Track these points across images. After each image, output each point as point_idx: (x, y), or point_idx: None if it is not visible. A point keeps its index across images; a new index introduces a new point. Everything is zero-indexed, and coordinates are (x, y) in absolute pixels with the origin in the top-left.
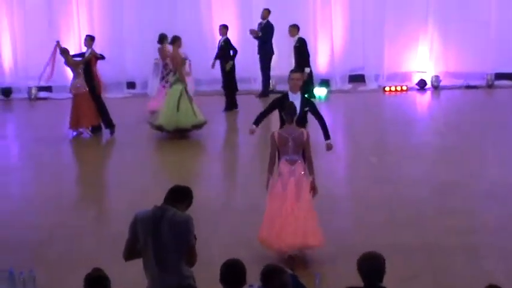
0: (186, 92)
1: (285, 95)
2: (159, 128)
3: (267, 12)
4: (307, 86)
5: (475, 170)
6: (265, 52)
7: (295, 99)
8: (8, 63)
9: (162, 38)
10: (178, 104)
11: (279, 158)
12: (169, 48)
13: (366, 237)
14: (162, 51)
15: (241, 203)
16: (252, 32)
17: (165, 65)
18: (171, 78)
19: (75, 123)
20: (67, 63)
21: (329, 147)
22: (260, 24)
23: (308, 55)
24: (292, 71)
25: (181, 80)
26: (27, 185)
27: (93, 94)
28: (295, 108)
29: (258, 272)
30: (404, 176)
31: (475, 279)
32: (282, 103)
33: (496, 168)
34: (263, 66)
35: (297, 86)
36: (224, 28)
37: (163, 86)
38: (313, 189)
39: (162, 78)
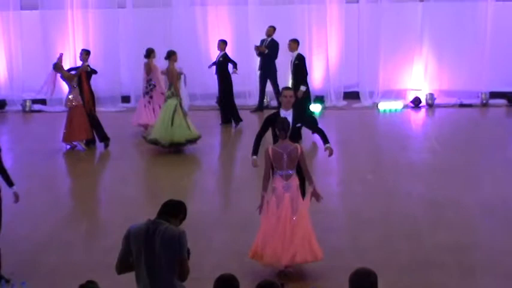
0: (181, 106)
1: (276, 113)
2: (154, 142)
3: (272, 29)
4: (305, 103)
5: (469, 187)
6: (272, 69)
7: (288, 115)
8: (2, 76)
9: (149, 53)
10: (173, 118)
11: (273, 174)
12: (154, 63)
13: (360, 252)
14: (146, 66)
15: (235, 217)
16: (257, 48)
17: (148, 80)
18: (166, 92)
19: (68, 137)
20: (62, 76)
21: (330, 151)
22: (264, 41)
23: (306, 73)
24: (284, 88)
25: (176, 94)
26: (20, 196)
27: (87, 108)
28: (288, 123)
29: (251, 286)
30: (398, 192)
31: None
32: (274, 120)
33: (490, 185)
34: (273, 82)
35: (289, 103)
36: (223, 43)
37: (149, 102)
38: (317, 195)
39: (146, 93)
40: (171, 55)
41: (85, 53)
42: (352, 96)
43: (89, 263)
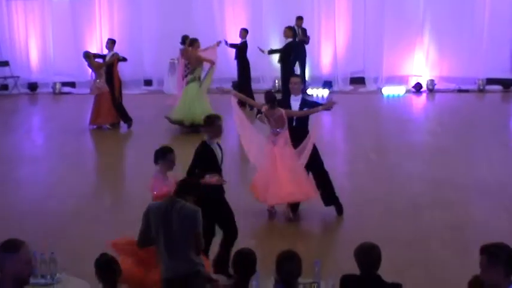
0: (201, 90)
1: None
2: (179, 122)
3: (301, 20)
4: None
5: (466, 168)
6: (303, 54)
7: (296, 100)
8: (35, 60)
9: (184, 39)
10: (194, 100)
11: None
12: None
13: (364, 228)
14: (184, 52)
15: (248, 194)
16: (300, 38)
17: (186, 65)
18: (189, 76)
19: (94, 120)
20: (90, 65)
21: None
22: (295, 29)
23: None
24: (292, 76)
25: (198, 78)
26: (50, 174)
27: (113, 94)
28: (272, 95)
29: (263, 259)
30: (400, 172)
31: (464, 270)
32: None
33: (485, 166)
34: (303, 68)
35: (298, 90)
36: (244, 32)
37: (186, 84)
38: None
39: (185, 76)
40: (193, 42)
41: (111, 42)
42: (358, 81)
43: (113, 236)
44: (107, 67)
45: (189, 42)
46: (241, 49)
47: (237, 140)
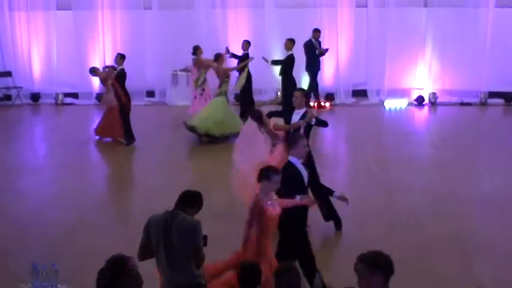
0: (228, 105)
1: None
2: (192, 128)
3: (318, 32)
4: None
5: (468, 181)
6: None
7: (298, 114)
8: (37, 71)
9: (195, 50)
10: (217, 113)
11: None
12: (202, 57)
13: (365, 240)
14: (196, 62)
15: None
16: (320, 51)
17: (199, 74)
18: (217, 90)
19: (100, 132)
20: (100, 79)
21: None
22: (312, 42)
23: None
24: (296, 90)
25: (224, 93)
26: (52, 184)
27: (121, 109)
28: (256, 114)
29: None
30: (402, 184)
31: (465, 283)
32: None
33: (487, 179)
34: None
35: (300, 104)
36: (247, 44)
37: (201, 94)
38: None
39: (200, 85)
40: (219, 57)
41: (119, 57)
42: (360, 94)
43: (114, 247)
44: (112, 83)
45: (214, 57)
46: (242, 61)
47: None
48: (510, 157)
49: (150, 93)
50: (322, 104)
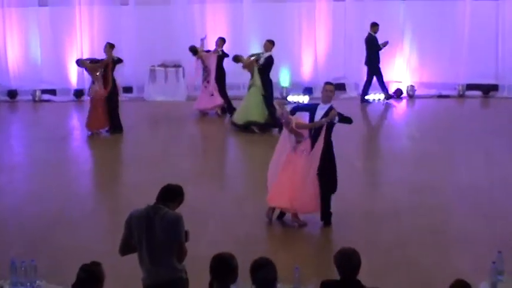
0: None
1: (315, 105)
2: (247, 125)
3: (376, 26)
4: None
5: (447, 173)
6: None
7: (322, 109)
8: (14, 67)
9: (194, 51)
10: (256, 104)
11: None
12: (205, 53)
13: (345, 233)
14: (201, 58)
15: (230, 200)
16: (383, 44)
17: (204, 68)
18: (249, 82)
19: (92, 125)
20: (87, 69)
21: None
22: (373, 36)
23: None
24: (326, 83)
25: (255, 84)
26: (30, 181)
27: (109, 98)
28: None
29: (246, 265)
30: (381, 177)
31: (445, 274)
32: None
33: (466, 171)
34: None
35: (329, 98)
36: (221, 41)
37: (205, 87)
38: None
39: (204, 79)
40: (238, 58)
41: (109, 46)
42: (338, 87)
43: (94, 242)
44: (103, 70)
45: (234, 58)
46: (218, 58)
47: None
48: (487, 149)
49: (128, 89)
50: (391, 95)
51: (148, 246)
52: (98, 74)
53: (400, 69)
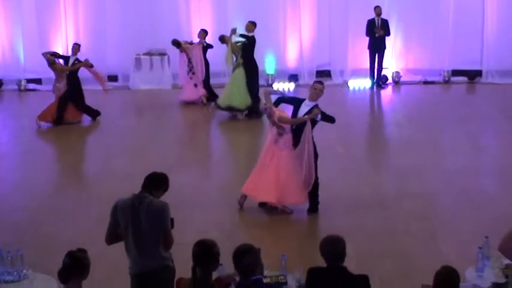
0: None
1: (301, 100)
2: (229, 108)
3: (378, 8)
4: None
5: (432, 159)
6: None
7: (308, 106)
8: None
9: (177, 44)
10: (241, 85)
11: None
12: (188, 46)
13: (331, 220)
14: (185, 50)
15: (215, 188)
16: (377, 29)
17: (189, 60)
18: (234, 64)
19: (43, 117)
20: (54, 69)
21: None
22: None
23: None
24: (317, 82)
25: (241, 64)
26: (15, 170)
27: (73, 96)
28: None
29: (228, 254)
30: (367, 164)
31: (431, 261)
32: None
33: (452, 157)
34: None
35: (318, 96)
36: (203, 32)
37: (191, 78)
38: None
39: (189, 71)
40: (224, 38)
41: (77, 47)
42: (324, 74)
43: (80, 232)
44: (70, 72)
45: (220, 38)
46: (202, 49)
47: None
48: (473, 135)
49: (113, 78)
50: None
51: (134, 235)
52: (64, 74)
53: (386, 56)
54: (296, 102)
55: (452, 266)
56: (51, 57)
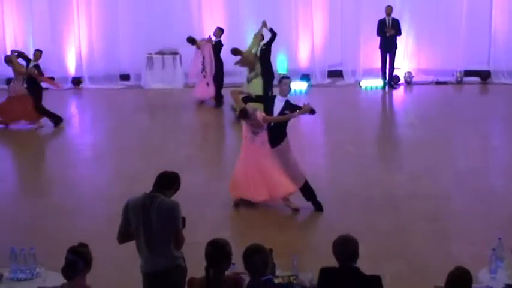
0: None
1: (271, 97)
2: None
3: (390, 8)
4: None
5: (444, 159)
6: (395, 46)
7: (281, 101)
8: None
9: (192, 41)
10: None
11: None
12: (202, 43)
13: (343, 220)
14: (200, 48)
15: (227, 187)
16: (388, 29)
17: (203, 57)
18: (250, 74)
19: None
20: (14, 70)
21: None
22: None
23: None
24: (284, 77)
25: (259, 74)
26: (28, 168)
27: (35, 101)
28: (244, 114)
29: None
30: (378, 164)
31: (444, 262)
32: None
33: (464, 157)
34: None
35: (284, 91)
36: (219, 30)
37: (204, 76)
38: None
39: (203, 69)
40: (237, 52)
41: (38, 53)
42: (335, 74)
43: (93, 231)
44: (29, 77)
45: (233, 52)
46: (215, 48)
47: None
48: (486, 136)
49: (125, 77)
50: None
51: (145, 234)
52: (22, 77)
53: (398, 56)
54: (265, 99)
55: (465, 267)
56: (13, 56)
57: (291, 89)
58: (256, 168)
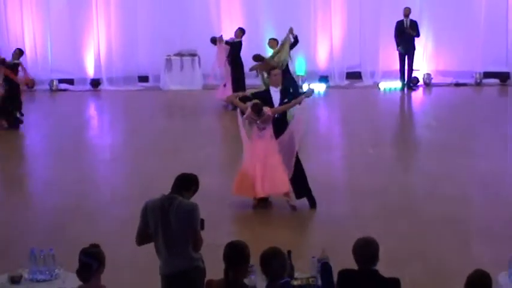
0: None
1: (266, 90)
2: None
3: (408, 10)
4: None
5: (464, 162)
6: (413, 47)
7: (276, 91)
8: (31, 57)
9: (215, 41)
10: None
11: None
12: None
13: (362, 222)
14: (220, 49)
15: None
16: (407, 29)
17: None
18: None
19: None
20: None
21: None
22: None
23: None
24: (272, 68)
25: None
26: (49, 170)
27: (10, 98)
28: (258, 108)
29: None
30: (398, 166)
31: (463, 264)
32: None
33: (484, 159)
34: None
35: (275, 81)
36: (240, 31)
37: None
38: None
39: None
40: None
41: (19, 52)
42: (354, 76)
43: (111, 233)
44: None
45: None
46: (234, 48)
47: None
48: (505, 138)
49: (144, 78)
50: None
51: (164, 235)
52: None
53: (417, 58)
54: (262, 94)
55: (485, 270)
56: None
57: (281, 77)
58: (263, 164)
